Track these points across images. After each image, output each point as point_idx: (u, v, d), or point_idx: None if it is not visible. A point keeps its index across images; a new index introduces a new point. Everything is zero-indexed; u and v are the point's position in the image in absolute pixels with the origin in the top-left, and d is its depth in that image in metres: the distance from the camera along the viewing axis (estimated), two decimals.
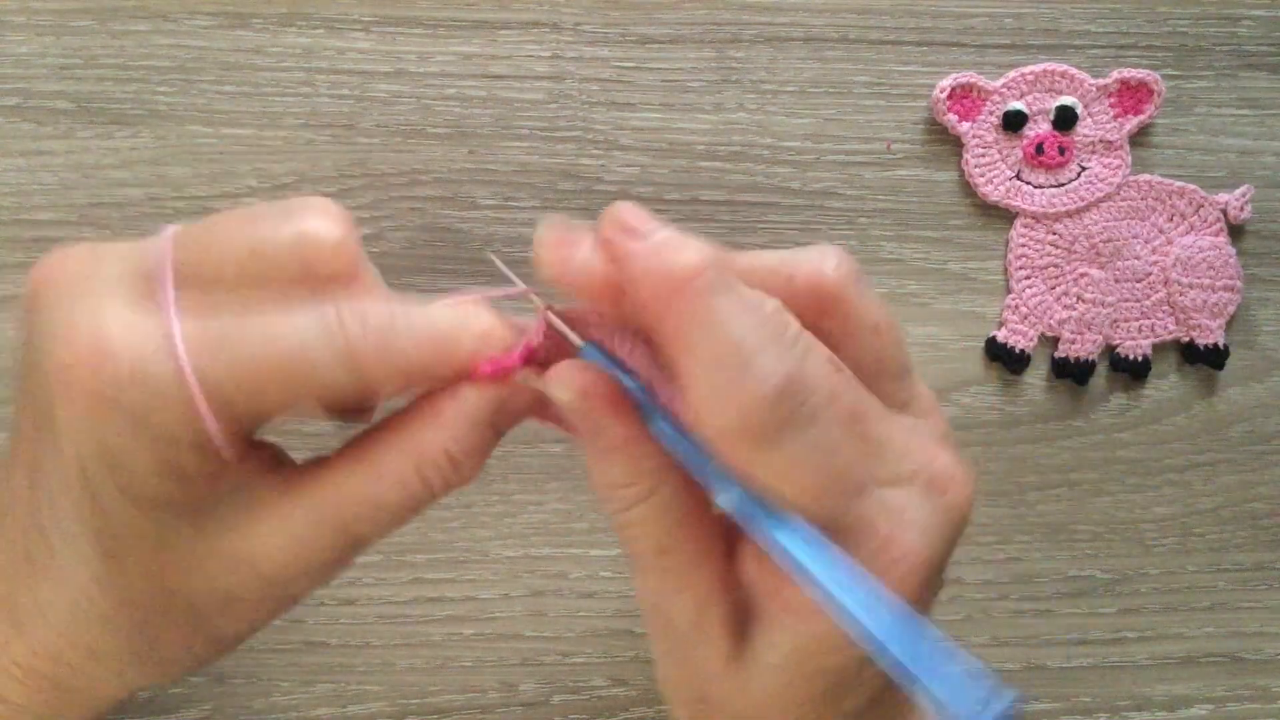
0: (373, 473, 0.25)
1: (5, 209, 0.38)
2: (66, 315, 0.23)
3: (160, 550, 0.24)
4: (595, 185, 0.39)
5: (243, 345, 0.22)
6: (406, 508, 0.25)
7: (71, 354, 0.22)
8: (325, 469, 0.25)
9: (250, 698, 0.38)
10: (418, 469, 0.25)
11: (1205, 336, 0.41)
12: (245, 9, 0.38)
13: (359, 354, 0.23)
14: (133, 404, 0.22)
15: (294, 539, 0.25)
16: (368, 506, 0.25)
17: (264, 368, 0.22)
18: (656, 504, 0.25)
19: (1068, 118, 0.40)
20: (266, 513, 0.25)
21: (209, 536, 0.24)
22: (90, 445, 0.22)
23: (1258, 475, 0.42)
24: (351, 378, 0.23)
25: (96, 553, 0.24)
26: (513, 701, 0.39)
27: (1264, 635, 0.42)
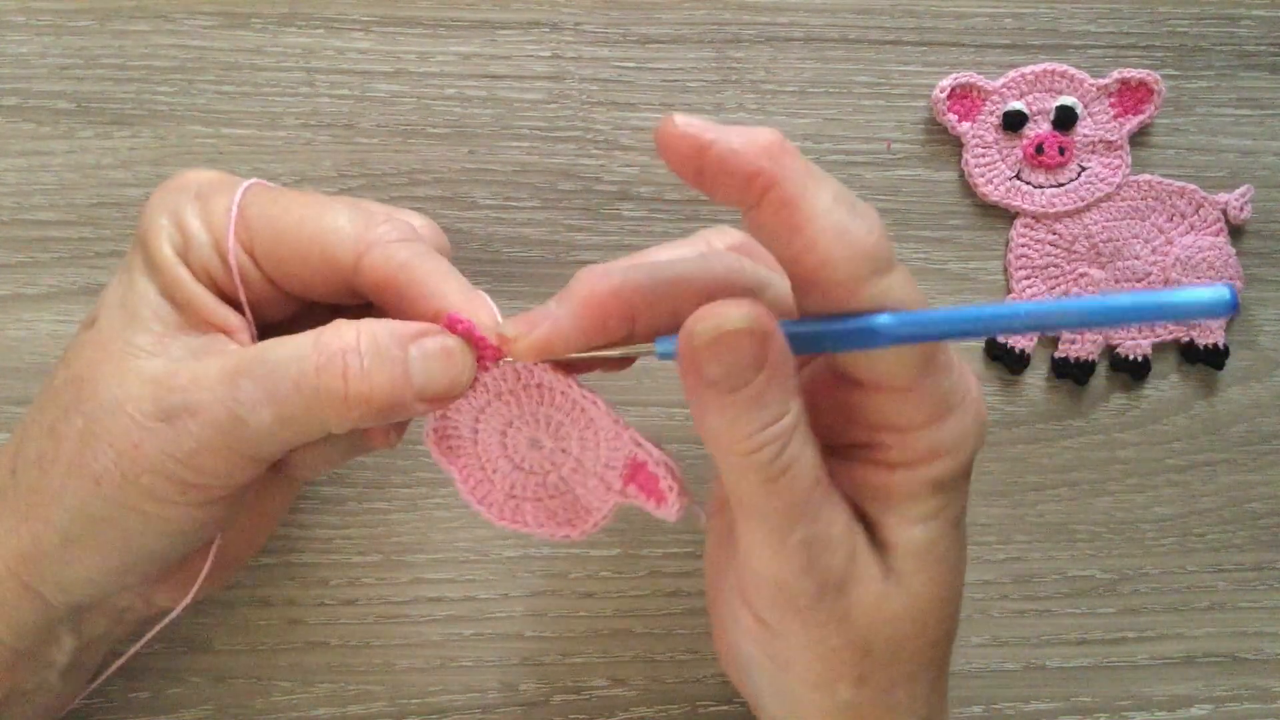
0: (285, 339, 0.27)
1: (5, 209, 0.38)
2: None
3: (122, 330, 0.28)
4: (595, 185, 0.39)
5: (292, 200, 0.29)
6: (298, 391, 0.26)
7: (179, 172, 0.30)
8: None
9: (250, 698, 0.38)
10: (317, 337, 0.26)
11: (1205, 336, 0.41)
12: (245, 9, 0.38)
13: (366, 234, 0.28)
14: (199, 186, 0.29)
15: (196, 371, 0.27)
16: (256, 364, 0.26)
17: (295, 219, 0.28)
18: (806, 429, 0.25)
19: (1068, 118, 0.40)
20: (205, 359, 0.27)
21: (161, 349, 0.27)
22: (151, 209, 0.29)
23: (1258, 475, 0.42)
24: (354, 243, 0.28)
25: (85, 324, 0.29)
26: (513, 701, 0.39)
27: (1264, 635, 0.42)
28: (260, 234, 0.28)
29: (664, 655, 0.40)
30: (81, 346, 0.28)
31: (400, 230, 0.28)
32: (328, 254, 0.28)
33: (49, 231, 0.38)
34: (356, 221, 0.28)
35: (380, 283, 0.28)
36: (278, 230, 0.28)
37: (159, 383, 0.26)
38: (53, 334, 0.38)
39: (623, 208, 0.39)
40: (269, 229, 0.28)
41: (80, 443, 0.27)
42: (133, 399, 0.26)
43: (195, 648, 0.38)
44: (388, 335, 0.26)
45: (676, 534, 0.40)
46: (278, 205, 0.28)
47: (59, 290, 0.38)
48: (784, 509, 0.25)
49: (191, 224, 0.28)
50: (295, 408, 0.26)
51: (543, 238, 0.39)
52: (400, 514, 0.39)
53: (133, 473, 0.26)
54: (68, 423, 0.27)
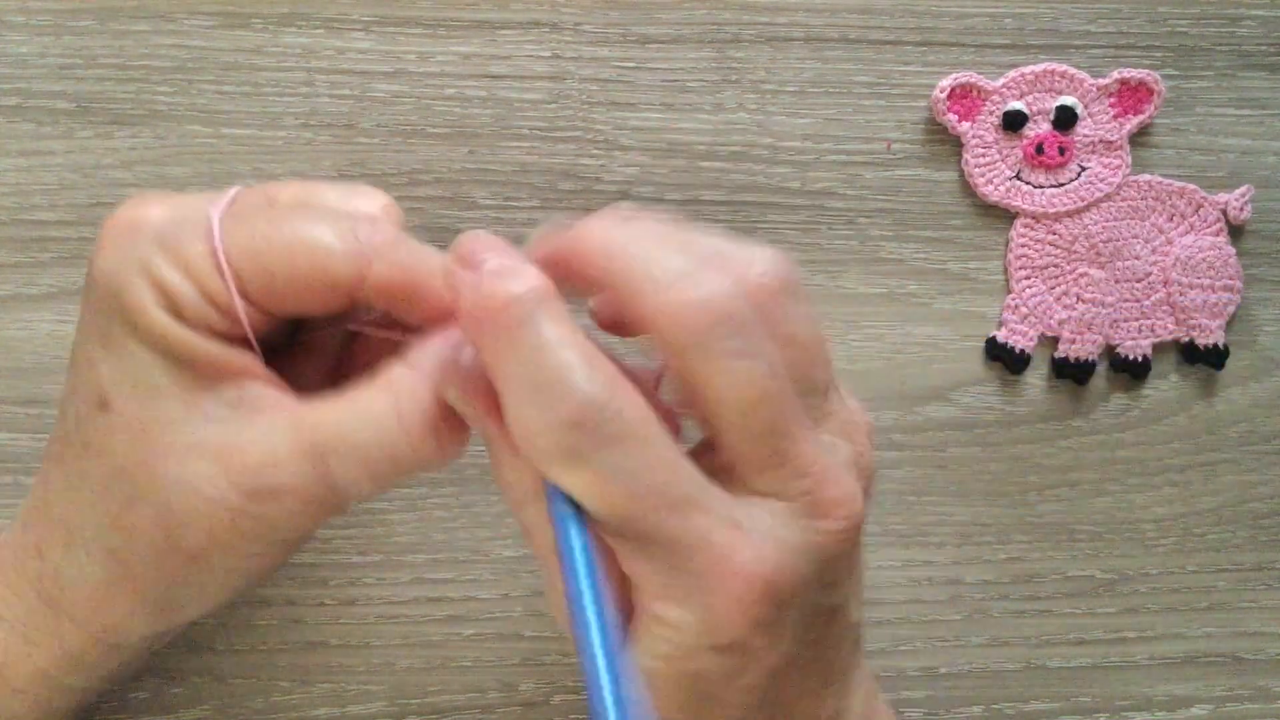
0: (353, 405, 0.26)
1: (5, 209, 0.38)
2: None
3: (146, 410, 0.26)
4: (595, 185, 0.39)
5: (263, 222, 0.26)
6: (385, 452, 0.26)
7: (119, 209, 0.27)
8: (322, 399, 0.26)
9: (250, 698, 0.38)
10: (395, 406, 0.26)
11: (1205, 336, 0.41)
12: (245, 9, 0.38)
13: (363, 250, 0.26)
14: (158, 231, 0.26)
15: (265, 446, 0.25)
16: (342, 438, 0.26)
17: (277, 243, 0.26)
18: (543, 507, 0.25)
19: (1068, 118, 0.40)
20: (253, 417, 0.26)
21: (194, 416, 0.26)
22: (109, 269, 0.26)
23: (1258, 475, 0.42)
24: (353, 268, 0.26)
25: (93, 404, 0.26)
26: (513, 701, 0.39)
27: (1264, 635, 0.42)
28: (248, 271, 0.26)
29: None
30: (108, 434, 0.26)
31: (384, 231, 0.27)
32: (326, 279, 0.26)
33: (49, 231, 0.38)
34: (343, 235, 0.26)
35: (390, 294, 0.27)
36: (266, 264, 0.26)
37: (226, 459, 0.25)
38: (53, 334, 0.38)
39: (623, 208, 0.39)
40: (256, 264, 0.26)
41: (161, 531, 0.26)
42: (205, 479, 0.25)
43: (195, 648, 0.38)
44: (438, 358, 0.26)
45: None
46: (257, 236, 0.26)
47: (59, 290, 0.38)
48: (537, 552, 0.26)
49: (170, 278, 0.26)
50: (393, 474, 0.26)
51: None
52: (400, 514, 0.39)
53: (231, 544, 0.26)
54: (135, 513, 0.26)
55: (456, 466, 0.39)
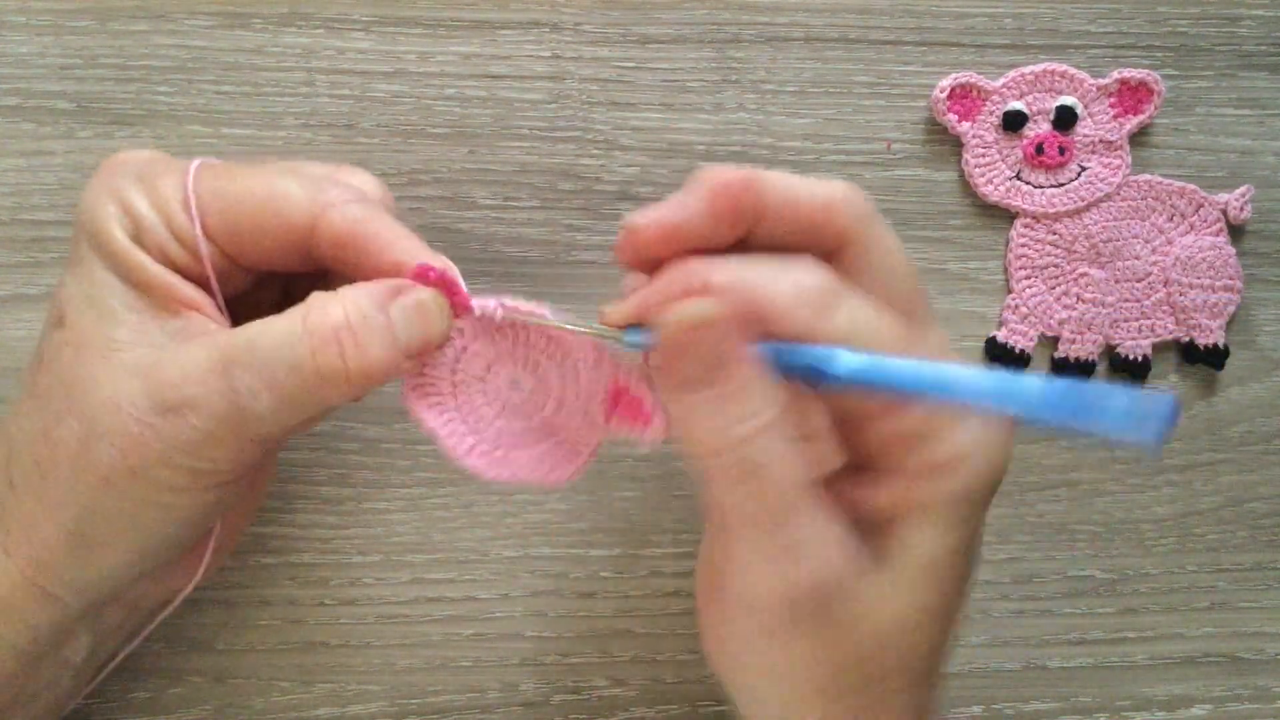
0: (269, 323, 0.27)
1: (5, 209, 0.38)
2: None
3: (95, 329, 0.27)
4: (595, 185, 0.39)
5: (235, 173, 0.28)
6: (294, 373, 0.26)
7: (115, 154, 0.30)
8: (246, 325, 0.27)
9: (250, 698, 0.38)
10: (304, 319, 0.26)
11: (1205, 336, 0.41)
12: (245, 9, 0.38)
13: (319, 193, 0.28)
14: (140, 169, 0.29)
15: (183, 363, 0.26)
16: (249, 353, 0.26)
17: (244, 189, 0.28)
18: (784, 434, 0.25)
19: (1068, 118, 0.40)
20: (186, 342, 0.27)
21: (138, 339, 0.27)
22: (91, 197, 0.28)
23: (1258, 475, 0.42)
24: (308, 207, 0.28)
25: (52, 322, 0.28)
26: (513, 701, 0.39)
27: (1264, 635, 0.42)
28: (213, 209, 0.28)
29: (664, 655, 0.40)
30: (58, 348, 0.28)
31: (350, 193, 0.28)
32: (282, 222, 0.28)
33: (49, 231, 0.38)
34: (307, 187, 0.28)
35: (338, 243, 0.28)
36: (230, 204, 0.28)
37: (149, 376, 0.26)
38: None
39: (623, 208, 0.39)
40: (221, 203, 0.28)
41: (81, 445, 0.27)
42: (128, 396, 0.26)
43: (195, 648, 0.38)
44: (370, 302, 0.26)
45: (676, 534, 0.40)
46: (226, 178, 0.28)
47: None
48: (762, 512, 0.25)
49: (139, 206, 0.28)
50: (295, 391, 0.26)
51: (543, 238, 0.39)
52: (400, 514, 0.39)
53: (142, 467, 0.26)
54: (63, 426, 0.27)
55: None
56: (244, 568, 0.38)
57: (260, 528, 0.38)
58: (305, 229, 0.28)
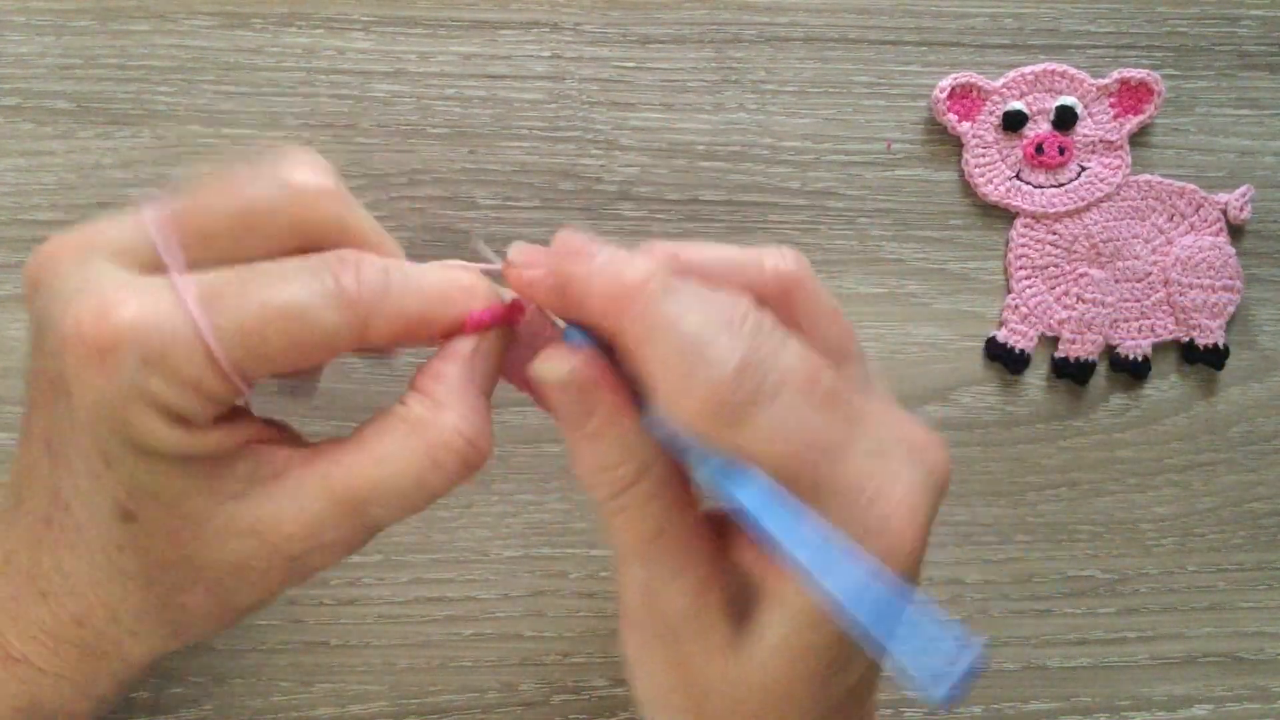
0: (382, 457, 0.26)
1: (5, 209, 0.38)
2: (67, 284, 0.24)
3: (174, 512, 0.25)
4: (595, 185, 0.39)
5: (243, 300, 0.23)
6: (423, 491, 0.26)
7: (75, 315, 0.23)
8: (340, 449, 0.26)
9: (250, 698, 0.38)
10: (425, 449, 0.26)
11: (1205, 336, 0.41)
12: (245, 9, 0.38)
13: (356, 308, 0.24)
14: (143, 348, 0.23)
15: (304, 513, 0.25)
16: (380, 491, 0.25)
17: (266, 322, 0.23)
18: (650, 485, 0.25)
19: (1068, 118, 0.40)
20: (278, 484, 0.25)
21: (223, 501, 0.25)
22: (99, 399, 0.23)
23: (1258, 475, 0.42)
24: (351, 330, 0.24)
25: (113, 515, 0.24)
26: (513, 701, 0.39)
27: (1264, 635, 0.42)
28: (245, 359, 0.24)
29: None
30: (139, 539, 0.25)
31: (369, 278, 0.25)
32: (328, 346, 0.25)
33: (49, 231, 0.37)
34: (331, 300, 0.24)
35: (397, 338, 0.26)
36: (263, 349, 0.24)
37: (263, 533, 0.25)
38: None
39: (623, 208, 0.39)
40: (253, 351, 0.24)
41: (218, 601, 0.26)
42: (250, 554, 0.25)
43: (195, 648, 0.38)
44: (477, 398, 0.26)
45: None
46: (248, 323, 0.23)
47: None
48: (625, 545, 0.26)
49: (173, 398, 0.23)
50: (429, 503, 0.26)
51: (543, 238, 0.39)
52: None
53: (281, 590, 0.27)
54: (187, 596, 0.26)
55: None
56: None
57: None
58: (351, 342, 0.25)
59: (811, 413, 0.24)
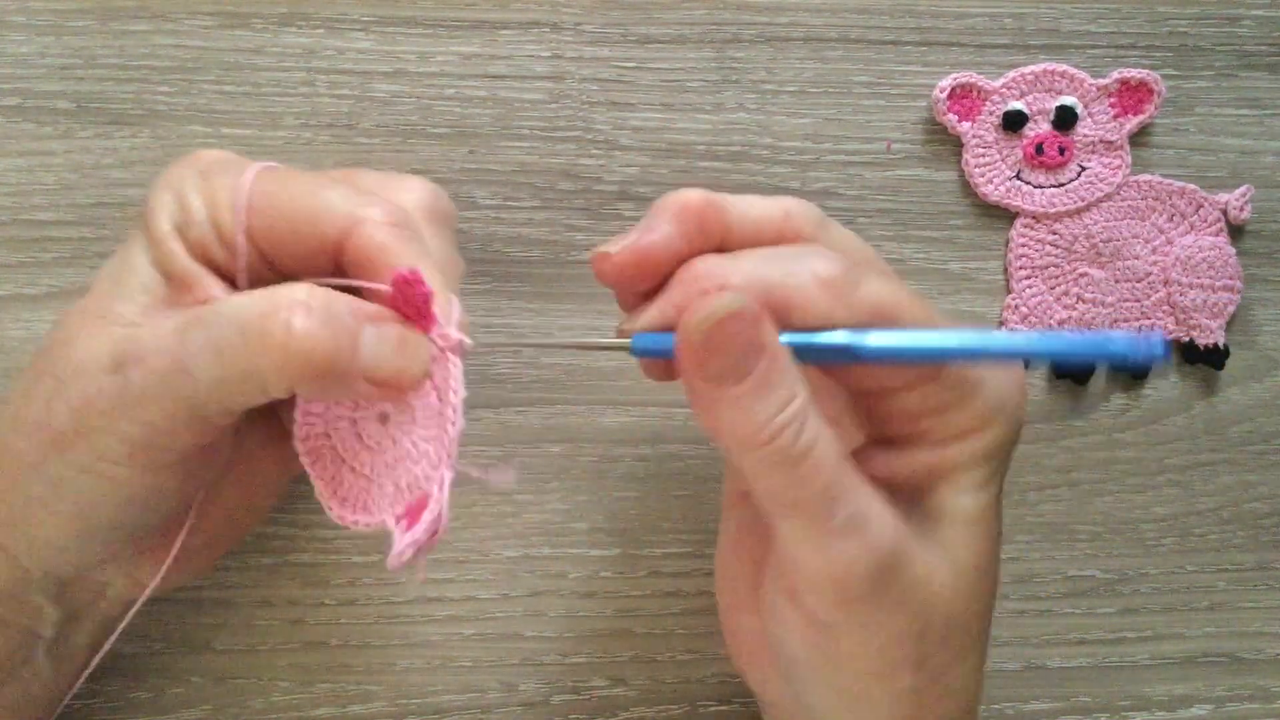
0: (244, 294, 0.27)
1: (5, 209, 0.38)
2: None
3: (112, 296, 0.28)
4: (595, 185, 0.39)
5: (292, 180, 0.28)
6: (237, 328, 0.26)
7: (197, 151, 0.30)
8: None
9: (250, 698, 0.38)
10: (272, 293, 0.26)
11: (1205, 336, 0.41)
12: (245, 9, 0.38)
13: (356, 219, 0.27)
14: (208, 164, 0.29)
15: (154, 327, 0.27)
16: (212, 313, 0.26)
17: (291, 197, 0.28)
18: (818, 414, 0.26)
19: (1068, 118, 0.40)
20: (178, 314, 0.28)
21: (145, 315, 0.28)
22: (161, 184, 0.29)
23: (1258, 475, 0.42)
24: (337, 232, 0.27)
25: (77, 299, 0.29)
26: (513, 701, 0.39)
27: (1264, 635, 0.42)
28: (258, 212, 0.28)
29: (664, 655, 0.40)
30: (69, 314, 0.28)
31: (390, 213, 0.28)
32: (317, 232, 0.28)
33: (49, 231, 0.38)
34: (349, 199, 0.28)
35: (359, 262, 0.27)
36: (274, 206, 0.28)
37: (119, 340, 0.27)
38: None
39: (623, 208, 0.39)
40: (266, 204, 0.28)
41: (46, 404, 0.27)
42: (92, 355, 0.27)
43: (195, 648, 0.38)
44: (343, 303, 0.26)
45: (677, 534, 0.40)
46: (276, 183, 0.28)
47: (59, 290, 0.38)
48: (817, 494, 0.25)
49: (192, 200, 0.28)
50: (236, 356, 0.25)
51: (543, 238, 0.39)
52: None
53: (84, 429, 0.26)
54: (39, 384, 0.27)
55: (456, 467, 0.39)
56: (244, 568, 0.38)
57: (260, 528, 0.38)
58: (337, 241, 0.28)
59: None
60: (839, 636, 0.27)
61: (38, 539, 0.29)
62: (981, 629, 0.29)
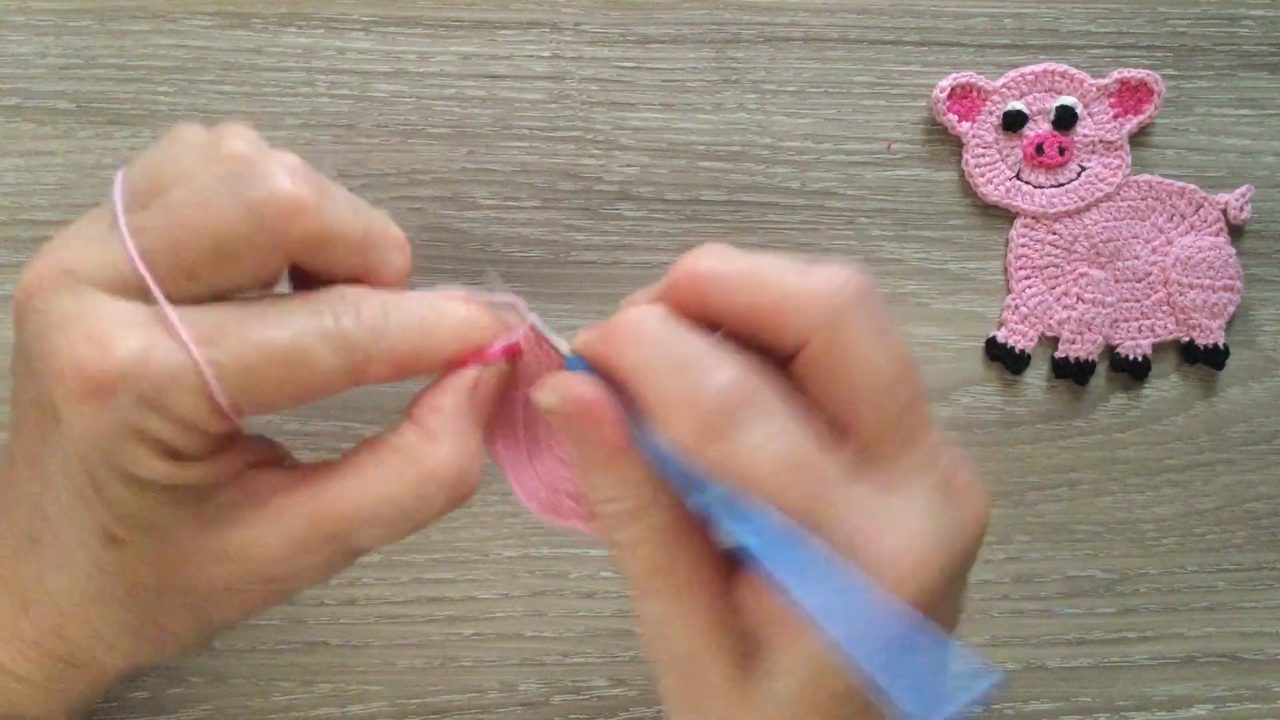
0: (372, 487, 0.25)
1: (5, 209, 0.38)
2: (60, 312, 0.23)
3: (160, 538, 0.25)
4: (595, 185, 0.39)
5: (243, 339, 0.23)
6: (408, 521, 0.26)
7: (71, 348, 0.22)
8: (326, 475, 0.26)
9: (250, 698, 0.38)
10: (418, 483, 0.25)
11: (1205, 336, 0.41)
12: (245, 9, 0.38)
13: (356, 350, 0.24)
14: (141, 387, 0.22)
15: (289, 540, 0.25)
16: (364, 519, 0.25)
17: (265, 363, 0.23)
18: (650, 521, 0.25)
19: (1068, 118, 0.40)
20: (264, 510, 0.25)
21: (208, 527, 0.25)
22: (93, 433, 0.23)
23: (1258, 475, 0.42)
24: (351, 371, 0.24)
25: (99, 539, 0.24)
26: (513, 701, 0.39)
27: (1264, 635, 0.42)
28: (244, 397, 0.23)
29: None
30: (123, 563, 0.25)
31: (369, 317, 0.25)
32: (329, 389, 0.25)
33: (49, 231, 0.37)
34: (332, 343, 0.24)
35: (400, 377, 0.26)
36: (262, 386, 0.24)
37: (246, 558, 0.25)
38: None
39: (623, 208, 0.39)
40: (251, 388, 0.23)
41: (197, 620, 0.27)
42: (233, 578, 0.26)
43: None
44: (472, 430, 0.26)
45: None
46: (247, 361, 0.23)
47: None
48: (631, 579, 0.26)
49: (167, 434, 0.23)
50: (406, 531, 0.26)
51: (543, 238, 0.39)
52: None
53: (261, 609, 0.27)
54: (167, 615, 0.26)
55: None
56: None
57: None
58: (351, 384, 0.25)
59: (805, 438, 0.23)
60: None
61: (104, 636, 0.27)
62: None
